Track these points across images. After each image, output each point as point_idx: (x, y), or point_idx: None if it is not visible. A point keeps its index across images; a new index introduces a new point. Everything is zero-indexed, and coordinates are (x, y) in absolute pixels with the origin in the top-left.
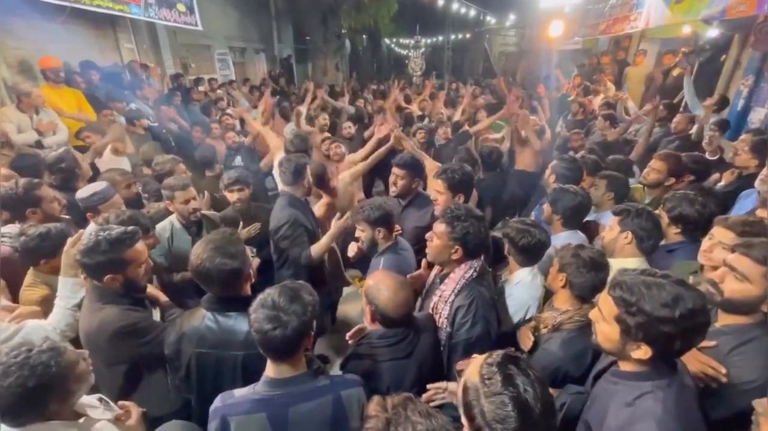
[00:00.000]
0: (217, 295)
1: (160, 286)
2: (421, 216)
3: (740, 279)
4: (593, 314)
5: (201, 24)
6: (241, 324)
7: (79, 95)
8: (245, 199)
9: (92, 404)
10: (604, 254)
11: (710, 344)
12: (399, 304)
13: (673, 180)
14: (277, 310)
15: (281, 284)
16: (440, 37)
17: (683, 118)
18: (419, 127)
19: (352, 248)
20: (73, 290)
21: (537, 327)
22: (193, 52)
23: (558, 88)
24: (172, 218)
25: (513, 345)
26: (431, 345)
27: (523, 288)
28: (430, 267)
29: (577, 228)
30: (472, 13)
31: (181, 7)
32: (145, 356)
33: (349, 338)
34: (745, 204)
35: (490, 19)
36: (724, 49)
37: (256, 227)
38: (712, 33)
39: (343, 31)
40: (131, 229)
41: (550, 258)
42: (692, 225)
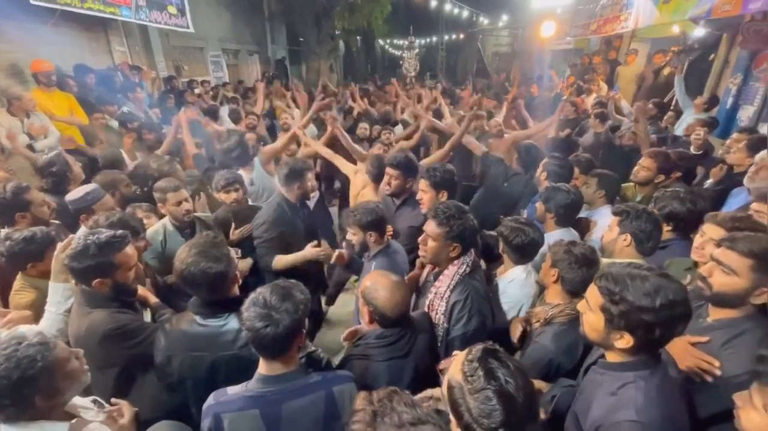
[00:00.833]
0: (204, 298)
1: (153, 288)
2: (416, 216)
3: (727, 273)
4: (581, 305)
5: (193, 26)
6: (231, 324)
7: (71, 99)
8: (240, 199)
9: (86, 406)
10: (595, 251)
11: (703, 339)
12: (397, 303)
13: (663, 177)
14: (268, 308)
15: (273, 284)
16: (434, 38)
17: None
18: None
19: (336, 255)
20: (63, 296)
21: (528, 320)
22: (185, 55)
23: (551, 88)
24: (165, 221)
25: (507, 341)
26: (428, 344)
27: (517, 286)
28: (424, 266)
29: (570, 226)
30: (465, 13)
31: (172, 10)
32: (137, 358)
33: (344, 340)
34: (735, 202)
35: (483, 20)
36: (713, 48)
37: (249, 228)
38: (700, 32)
39: (337, 32)
40: (120, 233)
41: (544, 257)
42: (683, 222)
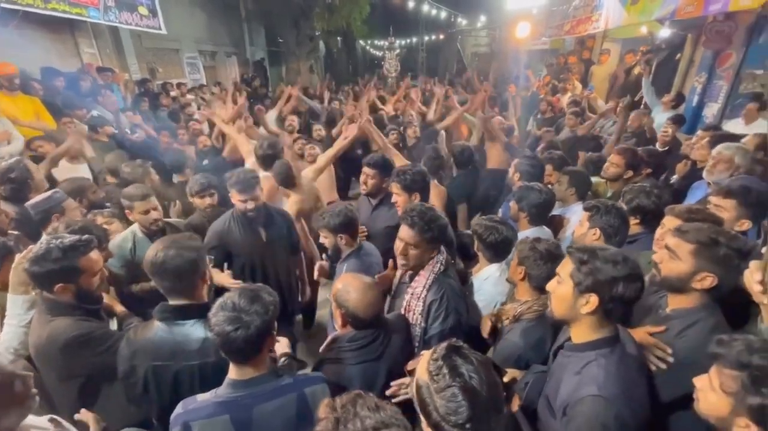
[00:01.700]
0: (169, 288)
1: (120, 298)
2: (392, 216)
3: (673, 258)
4: (550, 285)
5: (166, 27)
6: (196, 332)
7: (36, 103)
8: (215, 204)
9: (41, 425)
10: (560, 247)
11: (659, 329)
12: (369, 304)
13: (631, 173)
14: (237, 311)
15: (240, 288)
16: (414, 39)
17: (637, 116)
18: (391, 128)
19: (317, 268)
20: (24, 308)
21: (498, 316)
22: (160, 57)
23: (528, 87)
24: (134, 228)
25: (481, 338)
26: (402, 346)
27: (491, 284)
28: (396, 267)
29: (543, 224)
30: (444, 14)
31: (143, 11)
32: (102, 367)
33: (323, 352)
34: (696, 195)
35: (462, 21)
36: (680, 48)
37: None
38: (666, 33)
39: (317, 33)
40: (86, 237)
41: None
42: (649, 215)
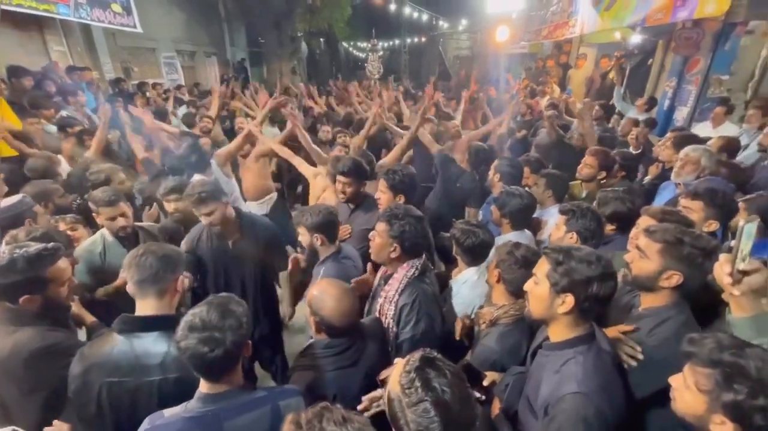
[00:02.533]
0: (140, 290)
1: (84, 307)
2: (369, 218)
3: (642, 257)
4: (527, 285)
5: (142, 26)
6: (158, 345)
7: (1, 102)
8: (183, 209)
9: None
10: (538, 253)
11: (630, 328)
12: (344, 313)
13: (605, 174)
14: (209, 330)
15: (206, 302)
16: (397, 41)
17: (628, 122)
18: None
19: (291, 260)
20: None
21: (473, 319)
22: (135, 56)
23: (508, 90)
24: (104, 231)
25: (457, 343)
26: (379, 352)
27: (469, 287)
28: (376, 270)
29: (525, 228)
30: (425, 17)
31: (117, 8)
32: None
33: (297, 359)
34: (664, 195)
35: (443, 24)
36: (652, 53)
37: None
38: (637, 39)
39: (299, 34)
40: (53, 245)
41: None
42: (625, 221)
